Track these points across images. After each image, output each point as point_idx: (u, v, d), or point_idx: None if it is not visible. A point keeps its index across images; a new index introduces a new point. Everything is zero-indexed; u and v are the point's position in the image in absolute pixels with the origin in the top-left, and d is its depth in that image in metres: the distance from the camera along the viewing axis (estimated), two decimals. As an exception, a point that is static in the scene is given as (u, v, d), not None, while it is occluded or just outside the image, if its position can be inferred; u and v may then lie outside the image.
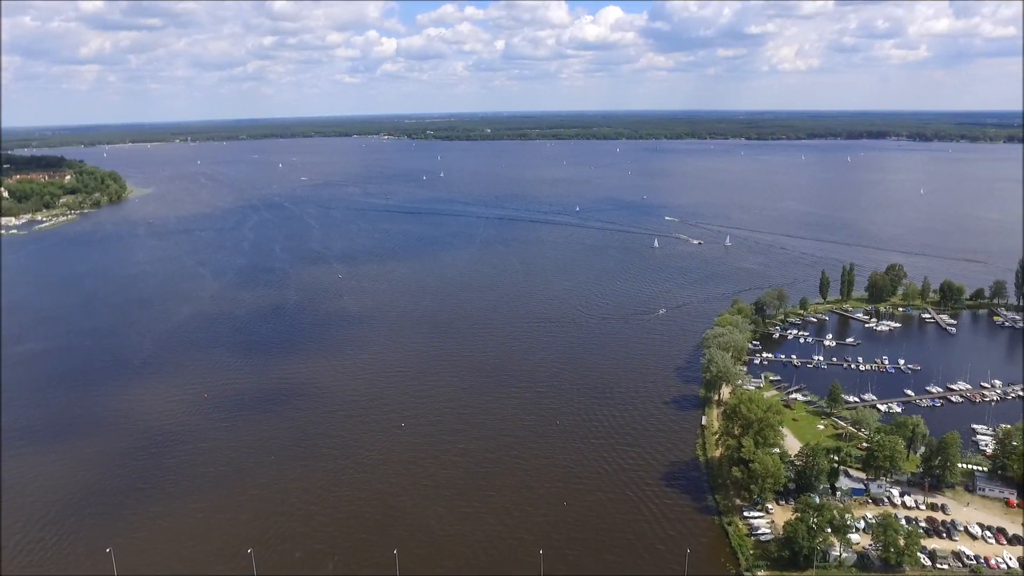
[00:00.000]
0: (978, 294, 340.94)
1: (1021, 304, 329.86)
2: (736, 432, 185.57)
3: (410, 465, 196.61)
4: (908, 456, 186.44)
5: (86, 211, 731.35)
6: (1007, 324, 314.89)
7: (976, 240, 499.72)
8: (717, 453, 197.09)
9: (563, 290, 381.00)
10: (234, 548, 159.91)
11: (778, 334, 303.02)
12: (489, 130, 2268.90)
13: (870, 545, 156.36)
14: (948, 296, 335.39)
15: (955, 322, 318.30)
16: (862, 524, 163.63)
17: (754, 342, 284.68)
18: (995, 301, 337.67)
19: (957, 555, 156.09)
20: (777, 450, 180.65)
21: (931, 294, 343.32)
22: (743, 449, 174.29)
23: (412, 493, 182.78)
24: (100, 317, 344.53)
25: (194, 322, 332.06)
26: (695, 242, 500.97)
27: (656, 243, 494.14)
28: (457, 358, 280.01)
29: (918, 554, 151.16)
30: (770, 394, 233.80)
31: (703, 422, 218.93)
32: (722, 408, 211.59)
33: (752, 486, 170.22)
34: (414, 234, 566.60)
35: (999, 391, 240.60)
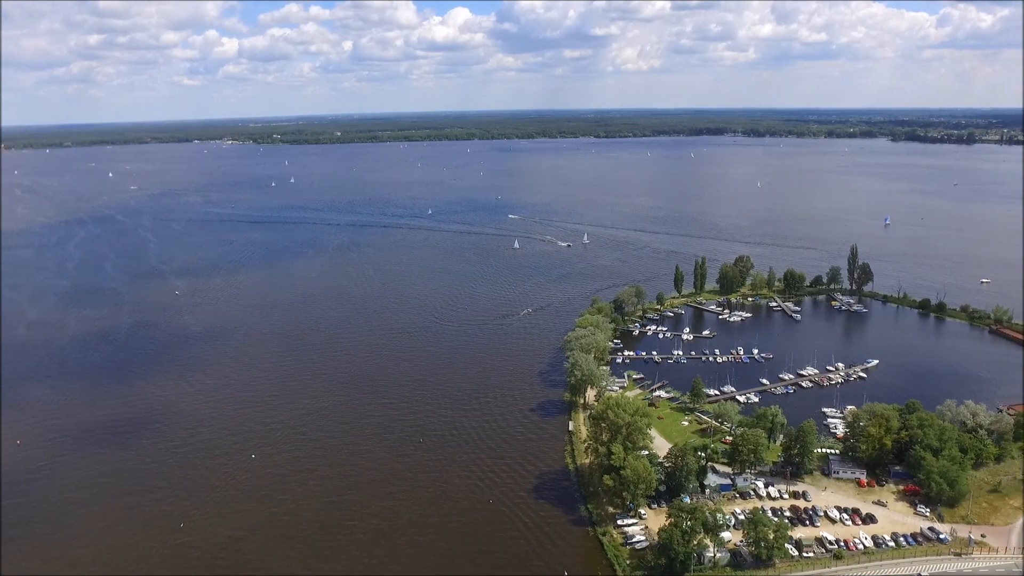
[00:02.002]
0: (817, 281, 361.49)
1: (854, 288, 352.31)
2: (605, 439, 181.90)
3: (264, 501, 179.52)
4: (769, 446, 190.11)
5: None
6: (843, 308, 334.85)
7: (809, 228, 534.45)
8: (587, 461, 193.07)
9: (422, 297, 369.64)
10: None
11: (637, 331, 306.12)
12: (339, 133, 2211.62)
13: (741, 542, 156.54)
14: (791, 284, 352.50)
15: (799, 309, 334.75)
16: (732, 521, 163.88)
17: (615, 341, 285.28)
18: (832, 286, 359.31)
19: (820, 541, 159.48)
20: (646, 452, 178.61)
21: (776, 283, 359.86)
22: (613, 456, 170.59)
23: (266, 534, 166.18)
24: None
25: (3, 356, 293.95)
26: (563, 244, 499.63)
27: (516, 244, 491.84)
28: (312, 376, 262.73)
29: (786, 546, 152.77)
30: (634, 393, 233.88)
31: (570, 427, 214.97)
32: (588, 412, 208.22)
33: (624, 493, 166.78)
34: (262, 244, 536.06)
35: (843, 374, 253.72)
